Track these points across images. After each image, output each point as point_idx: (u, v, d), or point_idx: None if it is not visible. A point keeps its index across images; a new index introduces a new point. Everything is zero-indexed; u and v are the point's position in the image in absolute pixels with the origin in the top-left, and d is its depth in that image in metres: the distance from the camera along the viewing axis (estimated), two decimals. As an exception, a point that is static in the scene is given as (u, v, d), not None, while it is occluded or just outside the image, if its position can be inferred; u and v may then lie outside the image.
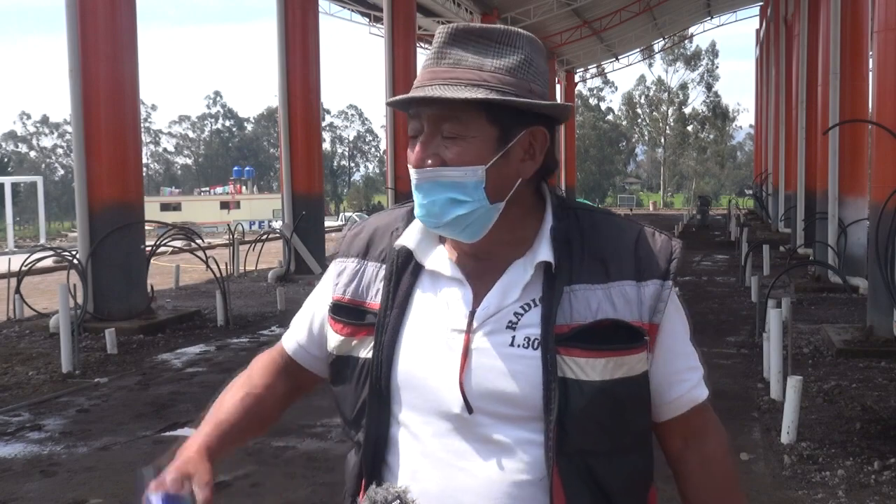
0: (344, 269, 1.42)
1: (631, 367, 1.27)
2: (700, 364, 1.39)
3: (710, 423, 1.40)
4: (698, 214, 36.07)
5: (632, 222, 1.37)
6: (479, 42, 1.28)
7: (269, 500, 4.81)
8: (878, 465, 5.12)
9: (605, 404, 1.25)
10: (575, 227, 1.32)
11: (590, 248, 1.30)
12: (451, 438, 1.28)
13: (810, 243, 16.18)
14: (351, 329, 1.37)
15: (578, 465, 1.25)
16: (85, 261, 10.33)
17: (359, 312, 1.37)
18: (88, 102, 10.36)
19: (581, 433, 1.24)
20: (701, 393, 1.37)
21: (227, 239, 20.73)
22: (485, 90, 1.24)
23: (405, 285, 1.35)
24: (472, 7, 28.80)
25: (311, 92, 16.25)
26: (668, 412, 1.36)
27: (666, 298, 1.30)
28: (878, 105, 9.18)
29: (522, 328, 1.27)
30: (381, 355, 1.32)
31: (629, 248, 1.31)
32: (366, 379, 1.34)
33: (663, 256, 1.32)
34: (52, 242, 25.77)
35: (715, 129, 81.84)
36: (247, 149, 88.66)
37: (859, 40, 13.72)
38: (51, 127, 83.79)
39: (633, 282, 1.29)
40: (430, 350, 1.30)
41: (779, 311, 6.86)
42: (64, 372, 7.99)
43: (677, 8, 38.64)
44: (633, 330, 1.27)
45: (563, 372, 1.24)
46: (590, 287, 1.27)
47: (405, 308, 1.33)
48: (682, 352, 1.36)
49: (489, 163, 1.27)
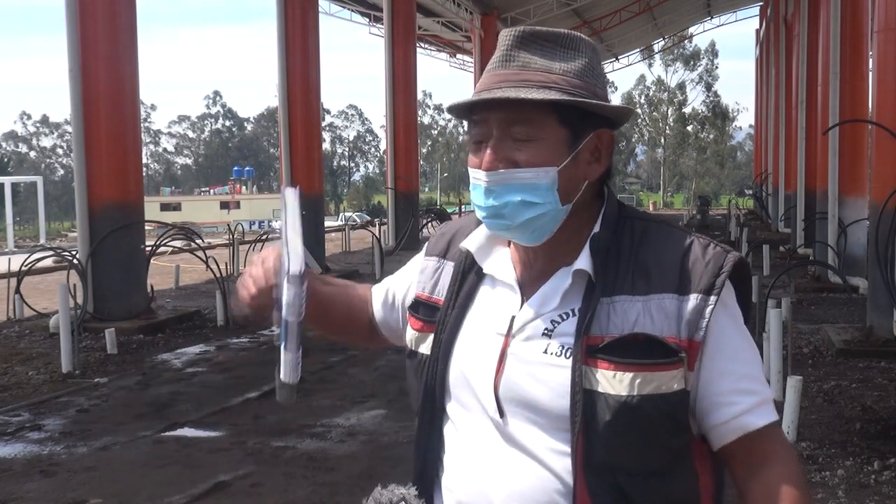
0: (426, 267, 1.48)
1: (662, 383, 1.22)
2: (759, 388, 1.28)
3: (775, 452, 1.28)
4: (698, 214, 36.03)
5: (686, 233, 1.31)
6: (545, 45, 1.29)
7: (269, 500, 4.81)
8: (878, 465, 5.12)
9: (632, 420, 1.21)
10: (627, 236, 1.30)
11: (637, 258, 1.27)
12: (489, 441, 1.30)
13: (810, 243, 16.18)
14: (422, 325, 1.42)
15: (608, 482, 1.22)
16: (85, 261, 10.32)
17: (433, 309, 1.42)
18: (88, 102, 10.35)
19: (606, 447, 1.22)
20: (754, 420, 1.26)
21: (227, 239, 20.73)
22: (557, 92, 1.25)
23: (468, 286, 1.38)
24: (472, 7, 28.77)
25: (311, 92, 16.24)
26: (719, 438, 1.28)
27: (708, 315, 1.23)
28: (878, 105, 9.18)
29: (558, 336, 1.27)
30: (438, 352, 1.37)
31: (675, 260, 1.26)
32: (423, 374, 1.39)
33: (711, 270, 1.25)
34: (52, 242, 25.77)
35: (715, 129, 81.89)
36: (247, 149, 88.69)
37: (859, 40, 13.72)
38: (51, 127, 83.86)
39: (675, 295, 1.24)
40: (478, 351, 1.33)
41: (779, 311, 6.86)
42: (64, 372, 7.98)
43: (677, 8, 38.64)
44: (666, 346, 1.22)
45: (589, 384, 1.22)
46: (631, 299, 1.25)
47: (466, 308, 1.37)
48: (729, 372, 1.26)
49: (561, 164, 1.27)
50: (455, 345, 1.35)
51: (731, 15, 44.11)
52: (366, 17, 30.83)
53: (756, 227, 29.24)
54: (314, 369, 8.14)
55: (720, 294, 1.24)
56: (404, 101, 21.72)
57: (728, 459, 1.29)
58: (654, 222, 1.33)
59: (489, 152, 1.28)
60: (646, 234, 1.30)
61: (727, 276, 1.25)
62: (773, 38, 31.17)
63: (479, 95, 1.27)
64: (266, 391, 7.24)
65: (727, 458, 1.29)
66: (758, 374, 1.29)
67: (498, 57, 1.30)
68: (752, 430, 1.26)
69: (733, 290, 1.30)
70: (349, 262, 18.84)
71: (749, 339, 1.31)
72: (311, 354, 9.70)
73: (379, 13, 25.16)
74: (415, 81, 22.37)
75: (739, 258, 1.28)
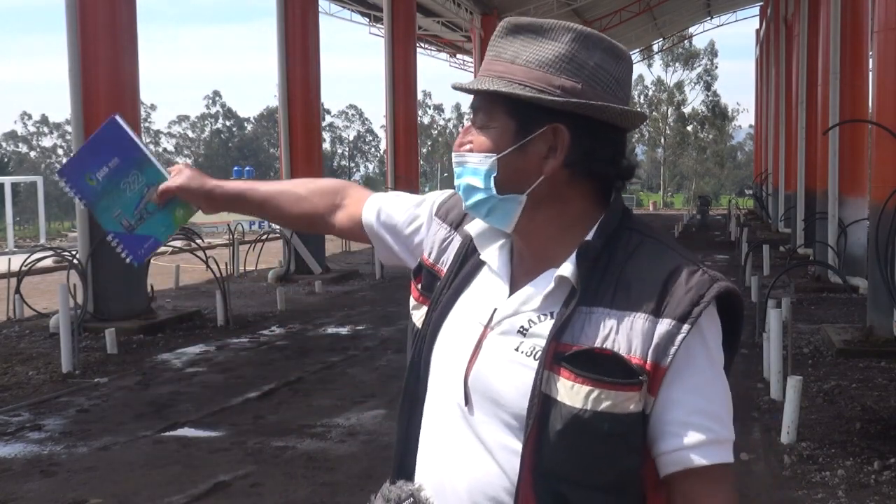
0: (438, 231, 1.48)
1: (618, 403, 1.19)
2: (715, 427, 1.22)
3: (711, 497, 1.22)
4: (698, 214, 36.05)
5: (681, 256, 1.26)
6: (525, 35, 1.28)
7: (269, 500, 4.81)
8: (878, 465, 5.13)
9: (582, 433, 1.19)
10: (622, 247, 1.26)
11: (623, 272, 1.24)
12: (455, 430, 1.30)
13: (810, 243, 16.18)
14: (419, 296, 1.44)
15: (553, 489, 1.21)
16: (85, 261, 10.32)
17: (433, 279, 1.43)
18: (88, 102, 10.35)
19: (554, 455, 1.20)
20: (697, 458, 1.20)
21: (227, 239, 20.72)
22: (503, 82, 1.25)
23: (467, 269, 1.38)
24: (472, 7, 28.77)
25: (311, 92, 16.24)
26: (661, 467, 1.24)
27: (678, 342, 1.18)
28: (878, 105, 9.18)
29: (532, 336, 1.26)
30: (427, 330, 1.37)
31: (658, 281, 1.22)
32: (413, 347, 1.39)
33: (691, 297, 1.20)
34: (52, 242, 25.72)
35: (715, 129, 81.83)
36: (247, 149, 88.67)
37: (859, 40, 13.73)
38: (51, 127, 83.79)
39: (650, 316, 1.20)
40: (459, 337, 1.33)
41: (779, 311, 6.86)
42: (64, 372, 7.98)
43: (677, 8, 38.63)
44: (629, 367, 1.19)
45: (548, 389, 1.21)
46: (608, 312, 1.22)
47: (460, 291, 1.37)
48: (684, 403, 1.21)
49: (501, 153, 1.27)
50: (443, 326, 1.36)
51: (731, 15, 44.10)
52: (366, 17, 30.84)
53: (756, 227, 29.24)
54: (314, 369, 8.15)
55: (695, 323, 1.19)
56: (404, 101, 21.71)
57: (669, 493, 1.25)
58: (651, 238, 1.28)
59: (459, 135, 1.33)
60: (638, 249, 1.26)
61: (706, 306, 1.20)
62: (773, 38, 31.17)
63: (454, 83, 1.34)
64: (266, 391, 7.25)
65: (669, 491, 1.25)
66: (718, 414, 1.23)
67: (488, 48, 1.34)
68: (692, 466, 1.20)
69: (718, 323, 1.25)
70: (349, 262, 18.84)
71: (720, 376, 1.25)
72: (311, 354, 9.71)
73: (379, 13, 25.15)
74: (415, 81, 22.36)
75: (727, 288, 1.22)
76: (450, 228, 1.46)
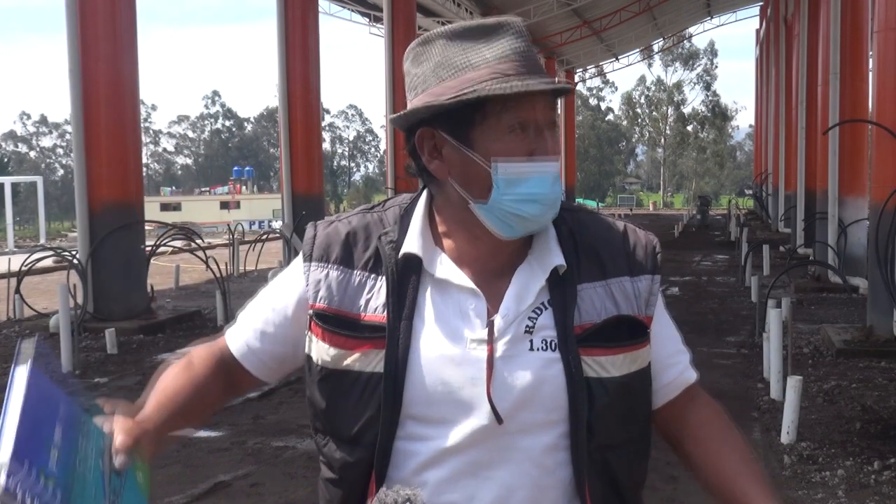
0: (324, 275, 1.33)
1: (642, 359, 1.32)
2: (684, 347, 1.44)
3: (703, 396, 1.44)
4: (698, 214, 36.06)
5: (613, 219, 1.41)
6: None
7: (269, 500, 4.81)
8: (878, 465, 5.12)
9: (625, 398, 1.29)
10: (566, 226, 1.34)
11: (585, 246, 1.32)
12: (475, 449, 1.26)
13: (810, 243, 16.18)
14: (346, 341, 1.29)
15: (598, 462, 1.27)
16: (85, 261, 10.32)
17: (352, 325, 1.29)
18: (88, 102, 10.36)
19: (604, 430, 1.27)
20: (692, 375, 1.42)
21: (227, 239, 20.73)
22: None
23: (410, 295, 1.29)
24: (472, 7, 28.80)
25: (311, 92, 16.23)
26: (664, 396, 1.39)
27: (657, 291, 1.35)
28: (878, 105, 9.18)
29: (539, 331, 1.27)
30: (396, 370, 1.26)
31: (619, 245, 1.35)
32: (372, 394, 1.27)
33: (649, 251, 1.36)
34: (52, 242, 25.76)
35: (714, 128, 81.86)
36: (247, 149, 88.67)
37: (859, 40, 13.72)
38: (51, 127, 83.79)
39: (628, 277, 1.33)
40: (450, 363, 1.26)
41: (779, 311, 6.86)
42: (64, 372, 7.98)
43: (677, 8, 38.64)
44: (636, 323, 1.31)
45: (582, 371, 1.26)
46: (592, 286, 1.30)
47: (413, 319, 1.28)
48: (670, 336, 1.41)
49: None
50: (414, 359, 1.26)
51: (731, 15, 44.12)
52: (366, 17, 30.83)
53: (756, 227, 29.24)
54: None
55: (657, 270, 1.36)
56: (404, 101, 21.61)
57: (665, 416, 1.40)
58: (582, 211, 1.39)
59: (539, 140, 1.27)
60: (583, 224, 1.35)
61: (658, 254, 1.38)
62: (773, 38, 31.18)
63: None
64: (266, 391, 7.24)
65: (665, 415, 1.40)
66: (678, 334, 1.44)
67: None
68: (692, 383, 1.42)
69: None
70: (349, 262, 18.81)
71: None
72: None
73: (379, 13, 25.15)
74: (415, 81, 22.35)
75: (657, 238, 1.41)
76: (339, 266, 1.33)
